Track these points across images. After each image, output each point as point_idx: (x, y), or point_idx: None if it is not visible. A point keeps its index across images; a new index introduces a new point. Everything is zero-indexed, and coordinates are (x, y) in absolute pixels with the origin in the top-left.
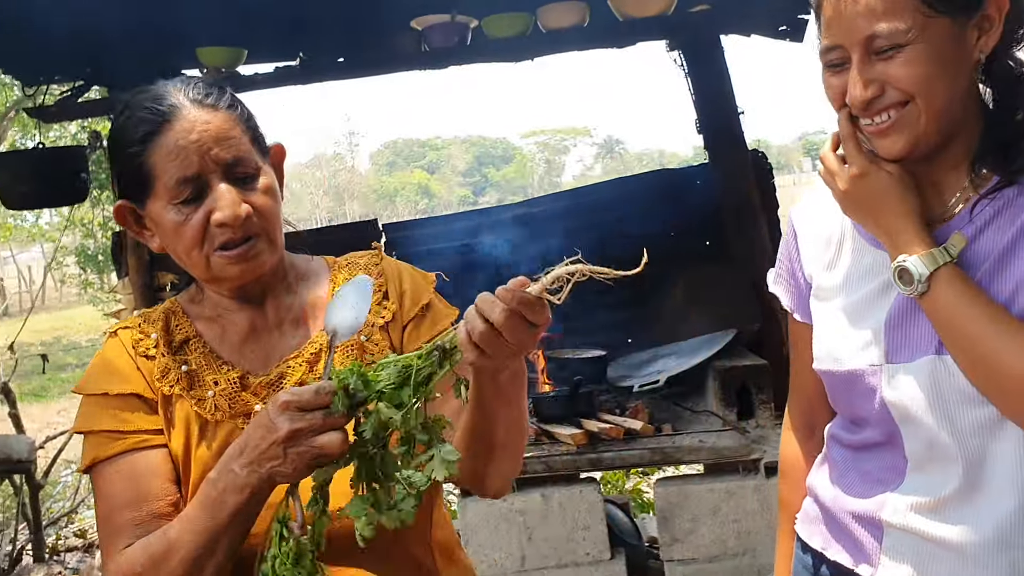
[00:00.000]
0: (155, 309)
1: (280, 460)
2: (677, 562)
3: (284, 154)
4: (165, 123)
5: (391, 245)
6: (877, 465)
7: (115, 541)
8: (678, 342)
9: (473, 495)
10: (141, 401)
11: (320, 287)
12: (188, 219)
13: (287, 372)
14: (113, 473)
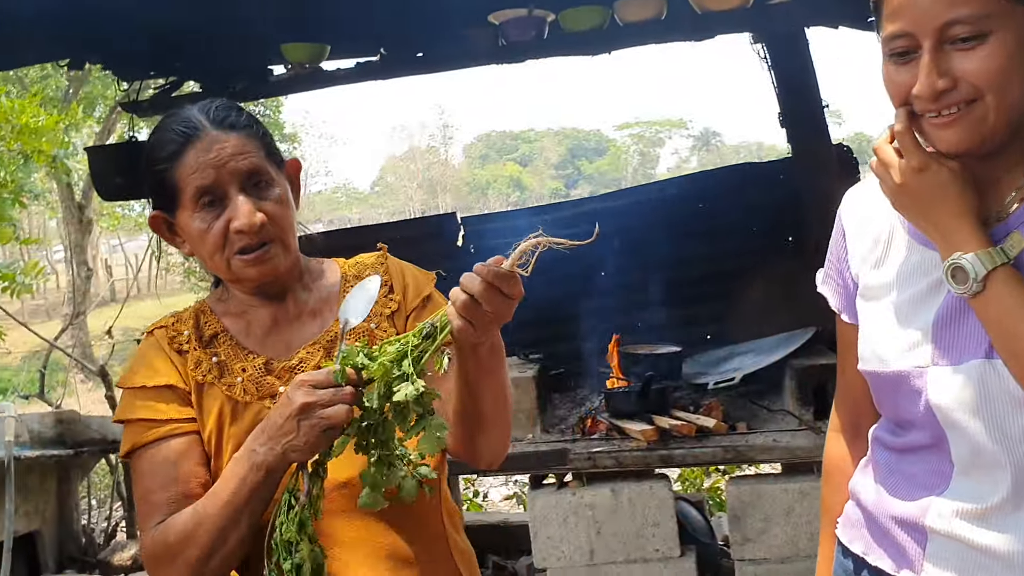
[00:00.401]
0: (186, 310)
1: (294, 434)
2: (748, 562)
3: (299, 167)
4: (187, 142)
5: (469, 238)
6: (922, 469)
7: (150, 518)
8: (756, 340)
9: (542, 487)
10: (174, 392)
11: (333, 284)
12: (210, 227)
13: (306, 357)
14: (149, 458)
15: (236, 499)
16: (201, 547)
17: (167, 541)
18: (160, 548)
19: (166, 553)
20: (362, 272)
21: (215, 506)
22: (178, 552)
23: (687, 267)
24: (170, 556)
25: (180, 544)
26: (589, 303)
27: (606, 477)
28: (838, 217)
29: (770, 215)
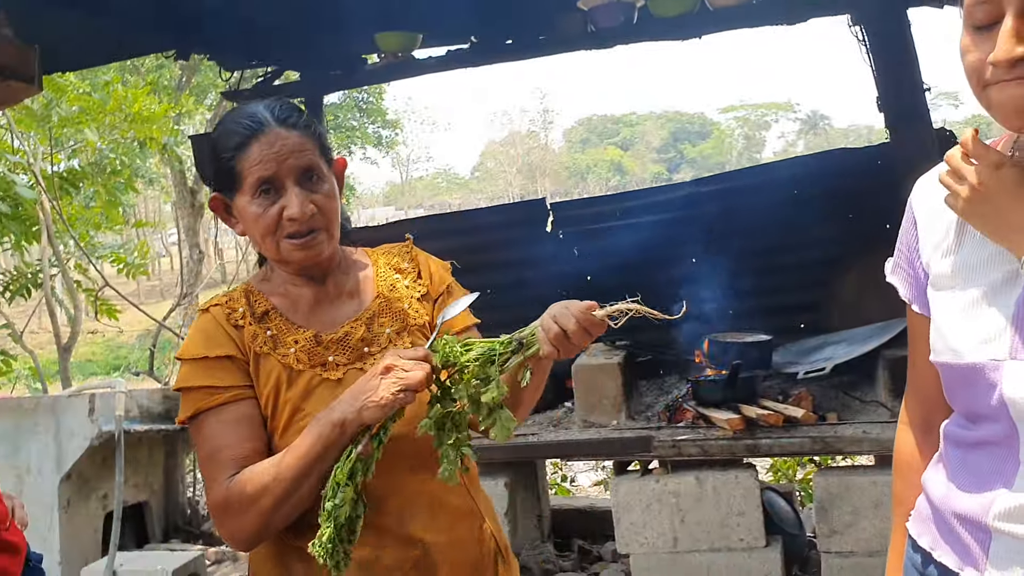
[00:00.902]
0: (235, 290)
1: (373, 390)
2: (835, 554)
3: (345, 166)
4: (253, 136)
5: (558, 224)
6: (988, 466)
7: (220, 473)
8: (850, 329)
9: (626, 473)
10: (234, 362)
11: (365, 269)
12: (265, 211)
13: (351, 331)
14: (214, 421)
15: (311, 452)
16: (276, 496)
17: (244, 491)
18: (235, 498)
19: (241, 502)
20: (391, 260)
21: (292, 458)
22: (254, 500)
23: (780, 254)
24: (245, 505)
25: (257, 493)
26: (678, 290)
27: (691, 465)
28: (908, 206)
29: (866, 202)
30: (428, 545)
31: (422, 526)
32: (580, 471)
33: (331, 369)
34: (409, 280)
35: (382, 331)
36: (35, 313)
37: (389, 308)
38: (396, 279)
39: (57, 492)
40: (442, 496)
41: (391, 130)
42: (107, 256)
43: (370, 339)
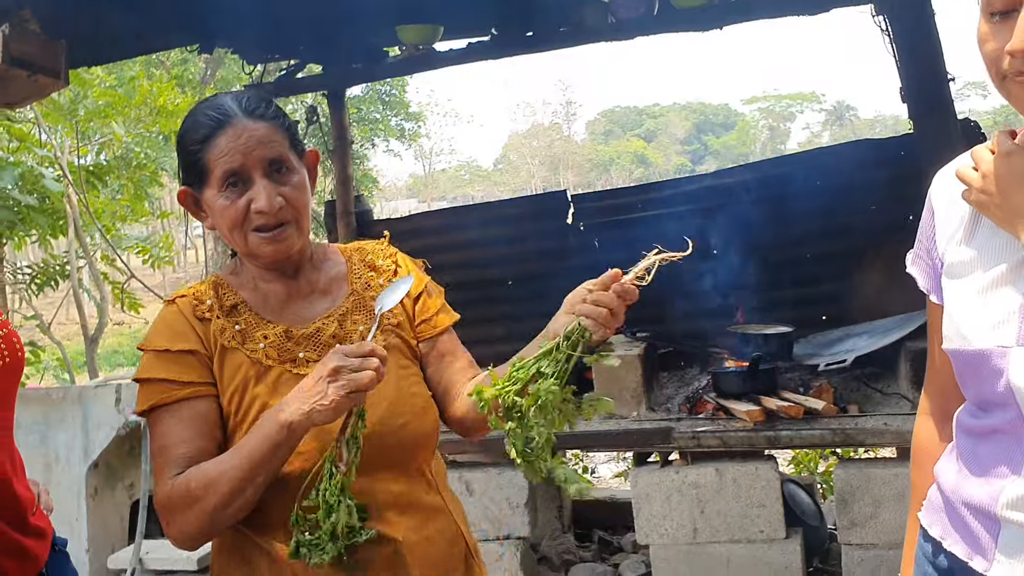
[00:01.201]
0: (203, 282)
1: (322, 394)
2: (855, 546)
3: (317, 158)
4: (219, 128)
5: (579, 216)
6: (997, 455)
7: (168, 469)
8: (873, 321)
9: (646, 464)
10: (196, 358)
11: (338, 266)
12: (232, 204)
13: (322, 327)
14: (169, 416)
15: (258, 453)
16: (220, 496)
17: (188, 487)
18: (180, 495)
19: (185, 500)
20: (365, 256)
21: (238, 458)
22: (198, 498)
23: (802, 246)
24: (189, 502)
25: (201, 491)
26: (701, 282)
27: (711, 456)
28: (928, 197)
29: (890, 193)
30: (399, 543)
31: (393, 524)
32: (601, 462)
33: (301, 365)
34: (384, 278)
35: (355, 328)
36: (63, 305)
37: (363, 306)
38: (371, 276)
39: (84, 481)
40: (411, 495)
41: (414, 122)
42: (133, 248)
43: (342, 336)
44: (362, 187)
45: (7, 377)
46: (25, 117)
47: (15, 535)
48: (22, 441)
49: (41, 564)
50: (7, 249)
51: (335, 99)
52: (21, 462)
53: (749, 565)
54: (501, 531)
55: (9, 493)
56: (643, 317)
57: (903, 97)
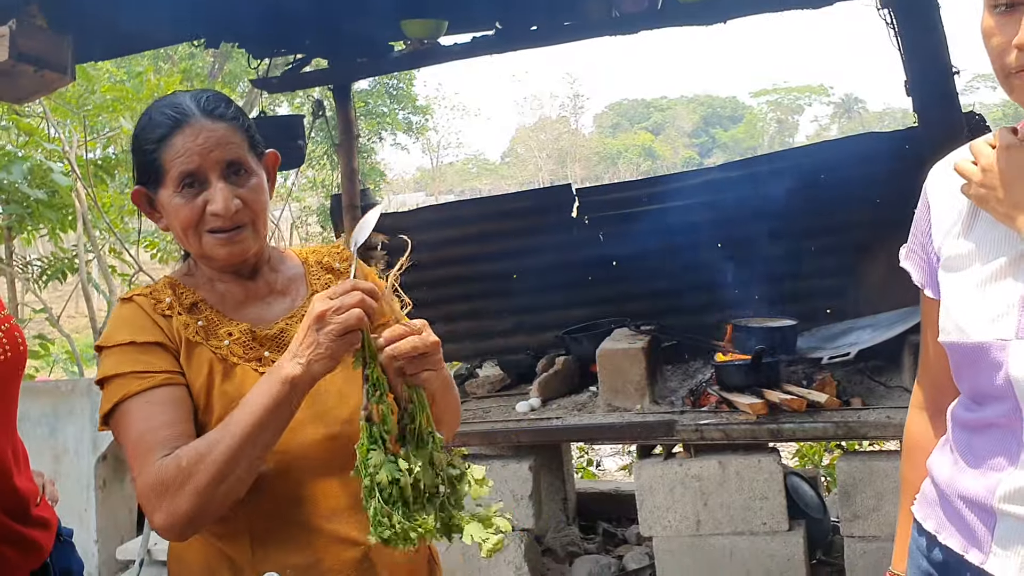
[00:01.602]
0: (157, 282)
1: (315, 343)
2: (858, 539)
3: (277, 160)
4: (176, 127)
5: (583, 209)
6: (993, 448)
7: (149, 456)
8: (877, 314)
9: (650, 457)
10: (163, 349)
11: (295, 268)
12: (188, 204)
13: (286, 328)
14: (143, 404)
15: (260, 414)
16: (216, 466)
17: (179, 465)
18: (169, 475)
19: (176, 479)
20: (321, 259)
21: (235, 423)
22: (189, 476)
23: (806, 239)
24: (180, 482)
25: (192, 467)
26: (704, 275)
27: (714, 449)
28: (923, 191)
29: (894, 186)
30: (367, 547)
31: (359, 528)
32: (606, 455)
33: (267, 364)
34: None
35: None
36: (71, 298)
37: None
38: (329, 279)
39: (93, 473)
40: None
41: (421, 116)
42: (141, 242)
43: None
44: (370, 181)
45: (8, 372)
46: (34, 112)
47: (17, 526)
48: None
49: (45, 554)
50: (16, 243)
51: (341, 93)
52: (25, 455)
53: (752, 557)
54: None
55: (11, 486)
56: (648, 311)
57: (908, 90)
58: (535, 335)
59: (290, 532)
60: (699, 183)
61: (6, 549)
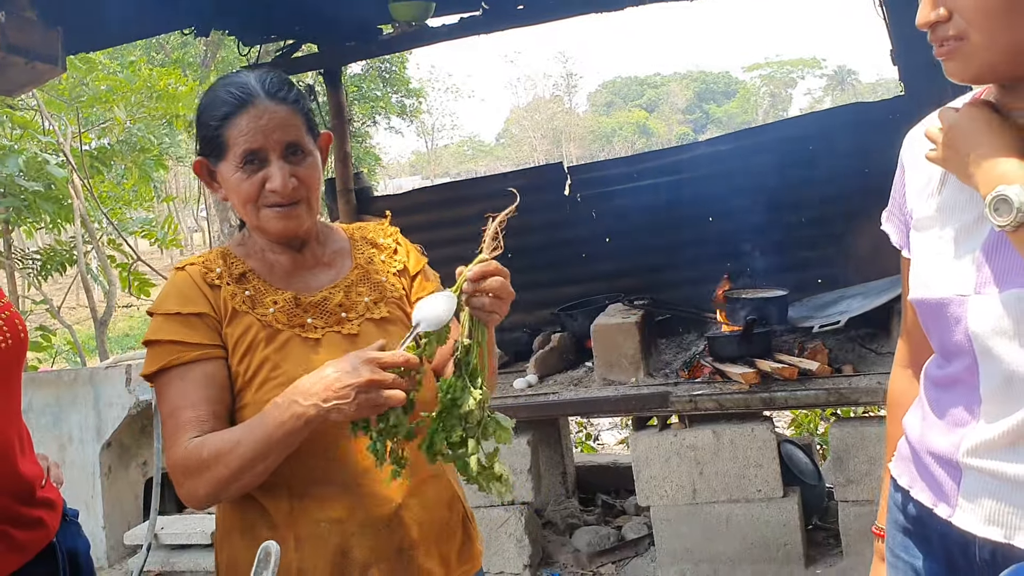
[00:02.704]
0: (211, 252)
1: (348, 400)
2: (851, 503)
3: (330, 140)
4: (242, 107)
5: (576, 187)
6: (956, 404)
7: (181, 433)
8: (867, 282)
9: (645, 429)
10: (205, 321)
11: (341, 242)
12: (248, 179)
13: (329, 296)
14: (179, 379)
15: (271, 438)
16: (230, 469)
17: (200, 455)
18: (193, 461)
19: (198, 466)
20: (366, 234)
21: (251, 437)
22: (208, 467)
23: (796, 211)
24: (200, 469)
25: (212, 460)
26: (696, 249)
27: (708, 419)
28: (900, 156)
29: (882, 156)
30: (399, 505)
31: (393, 486)
32: (605, 429)
33: (310, 331)
34: (386, 255)
35: (360, 299)
36: (71, 289)
37: (367, 279)
38: (373, 253)
39: (98, 460)
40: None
41: (415, 99)
42: (139, 232)
43: (348, 305)
44: (364, 165)
45: (10, 359)
46: (27, 105)
47: (23, 508)
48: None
49: (52, 534)
50: (15, 235)
51: (331, 77)
52: (29, 440)
53: (748, 524)
54: (505, 497)
55: (16, 469)
56: (641, 286)
57: (893, 60)
58: (531, 313)
59: (325, 489)
60: (689, 158)
61: (13, 530)
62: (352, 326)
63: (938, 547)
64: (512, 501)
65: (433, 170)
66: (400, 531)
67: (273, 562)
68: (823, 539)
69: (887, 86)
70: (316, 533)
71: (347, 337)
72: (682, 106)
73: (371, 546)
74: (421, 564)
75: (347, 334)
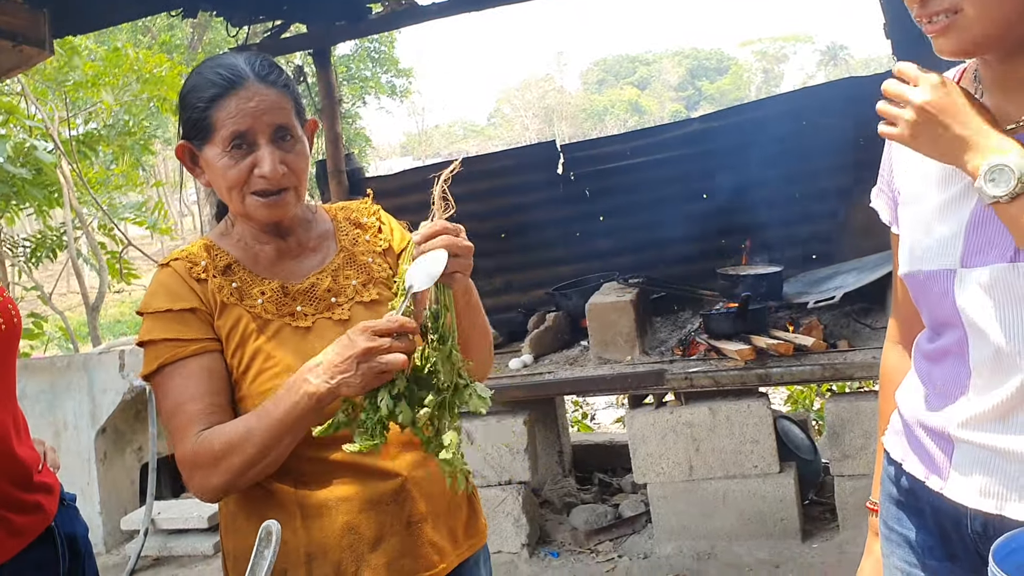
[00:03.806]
0: (193, 245)
1: (351, 373)
2: (847, 477)
3: (316, 126)
4: (231, 88)
5: (569, 165)
6: (947, 377)
7: (189, 428)
8: (862, 257)
9: (641, 406)
10: (197, 316)
11: (324, 225)
12: (236, 165)
13: (317, 282)
14: (178, 374)
15: (286, 420)
16: (245, 457)
17: (212, 448)
18: (204, 454)
19: (210, 459)
20: (349, 215)
21: (264, 423)
22: (221, 458)
23: (790, 186)
24: (213, 462)
25: (225, 451)
26: (691, 227)
27: (704, 396)
28: None
29: (875, 130)
30: (406, 479)
31: (398, 461)
32: (601, 408)
33: (299, 318)
34: (370, 235)
35: (348, 283)
36: (62, 276)
37: (353, 261)
38: (357, 233)
39: (93, 446)
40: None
41: (405, 79)
42: (130, 219)
43: (337, 290)
44: (354, 146)
45: (3, 344)
46: (12, 90)
47: (20, 493)
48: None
49: (50, 518)
50: (3, 222)
51: (321, 58)
52: (25, 424)
53: (745, 499)
54: (503, 477)
55: (13, 455)
56: (636, 264)
57: (887, 33)
58: (525, 293)
59: (331, 467)
60: (682, 135)
61: (11, 515)
62: (342, 311)
63: (930, 519)
64: (509, 481)
65: (424, 151)
66: (408, 505)
67: (274, 540)
68: (819, 514)
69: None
70: (323, 511)
71: (338, 322)
72: (674, 83)
73: (380, 522)
74: (430, 538)
75: (338, 319)
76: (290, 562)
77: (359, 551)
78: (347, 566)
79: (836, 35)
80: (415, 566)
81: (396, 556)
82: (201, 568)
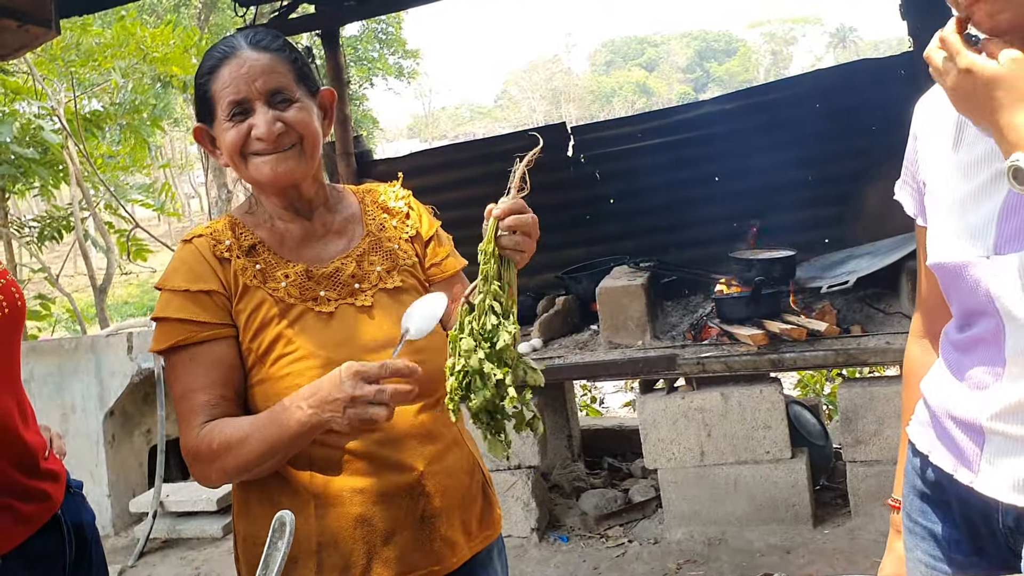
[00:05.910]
0: (219, 221)
1: (339, 414)
2: (860, 463)
3: (333, 97)
4: (224, 59)
5: (579, 147)
6: (981, 367)
7: (195, 416)
8: (875, 242)
9: (652, 391)
10: (214, 299)
11: (351, 208)
12: (234, 129)
13: (341, 267)
14: (188, 360)
15: (279, 441)
16: (239, 461)
17: (211, 446)
18: (203, 449)
19: (208, 455)
20: (377, 198)
21: (259, 435)
22: (217, 457)
23: (803, 169)
24: (210, 458)
25: (222, 451)
26: (702, 210)
27: (716, 381)
28: (912, 124)
29: (891, 113)
30: (422, 473)
31: (415, 454)
32: (609, 393)
33: (323, 303)
34: (397, 220)
35: (372, 269)
36: (69, 257)
37: (379, 247)
38: (384, 218)
39: (102, 428)
40: (432, 427)
41: (412, 60)
42: (137, 201)
43: (361, 276)
44: (362, 128)
45: (8, 328)
46: (19, 69)
47: (26, 480)
48: (37, 392)
49: (56, 506)
50: (11, 203)
51: (329, 39)
52: (31, 410)
53: (756, 485)
54: (512, 461)
55: (18, 440)
56: (648, 248)
57: (903, 14)
58: (534, 276)
59: (347, 458)
60: (693, 117)
61: (16, 503)
62: (365, 297)
63: (957, 513)
64: (519, 465)
65: (431, 133)
66: (422, 500)
67: (288, 531)
68: (831, 499)
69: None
70: (337, 502)
71: (361, 309)
72: (682, 65)
73: (393, 515)
74: (443, 533)
75: (361, 306)
76: (301, 551)
77: (371, 543)
78: (358, 558)
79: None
80: (426, 561)
81: (408, 550)
82: (210, 551)
